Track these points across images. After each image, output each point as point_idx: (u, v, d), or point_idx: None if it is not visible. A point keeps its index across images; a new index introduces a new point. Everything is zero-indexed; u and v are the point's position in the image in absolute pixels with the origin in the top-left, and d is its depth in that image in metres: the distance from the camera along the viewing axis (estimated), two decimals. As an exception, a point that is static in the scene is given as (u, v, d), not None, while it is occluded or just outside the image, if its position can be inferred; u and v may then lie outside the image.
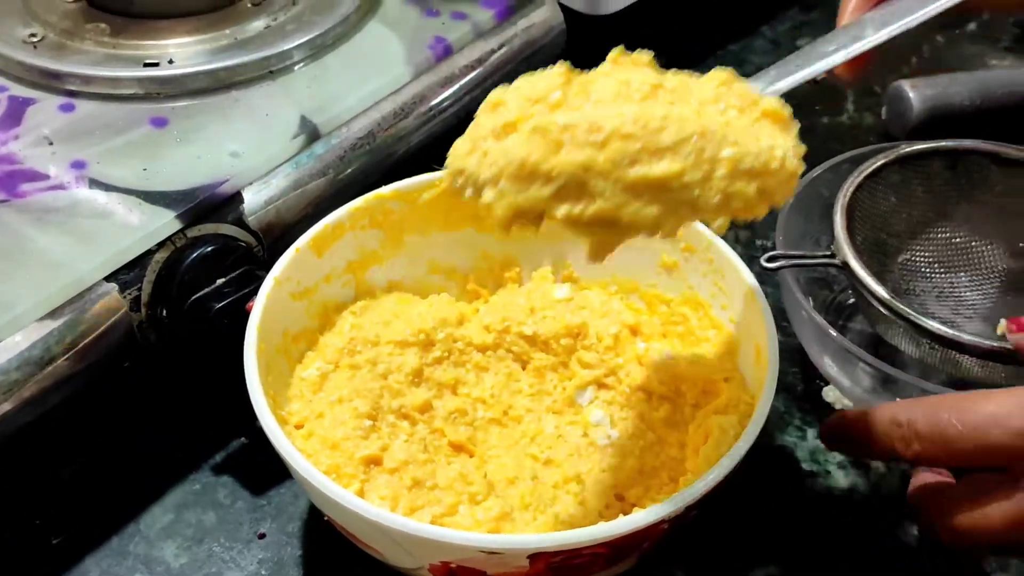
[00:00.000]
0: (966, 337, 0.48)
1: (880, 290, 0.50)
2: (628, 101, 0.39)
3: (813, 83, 0.74)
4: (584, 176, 0.38)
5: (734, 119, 0.40)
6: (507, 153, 0.38)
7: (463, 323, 0.54)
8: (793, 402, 0.57)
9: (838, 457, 0.55)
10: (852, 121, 0.74)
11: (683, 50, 0.79)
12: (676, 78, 0.41)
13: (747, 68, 0.78)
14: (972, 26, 0.82)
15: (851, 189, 0.55)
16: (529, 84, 0.40)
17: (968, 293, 0.59)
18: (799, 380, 0.58)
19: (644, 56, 0.42)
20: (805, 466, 0.54)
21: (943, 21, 0.82)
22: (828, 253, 0.53)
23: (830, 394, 0.57)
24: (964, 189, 0.58)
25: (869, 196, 0.57)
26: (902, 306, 0.50)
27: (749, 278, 0.50)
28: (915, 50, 0.80)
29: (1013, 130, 0.70)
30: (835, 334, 0.51)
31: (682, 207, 0.38)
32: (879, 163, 0.57)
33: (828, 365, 0.54)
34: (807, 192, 0.58)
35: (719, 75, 0.41)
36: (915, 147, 0.57)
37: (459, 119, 0.63)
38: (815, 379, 0.57)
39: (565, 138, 0.38)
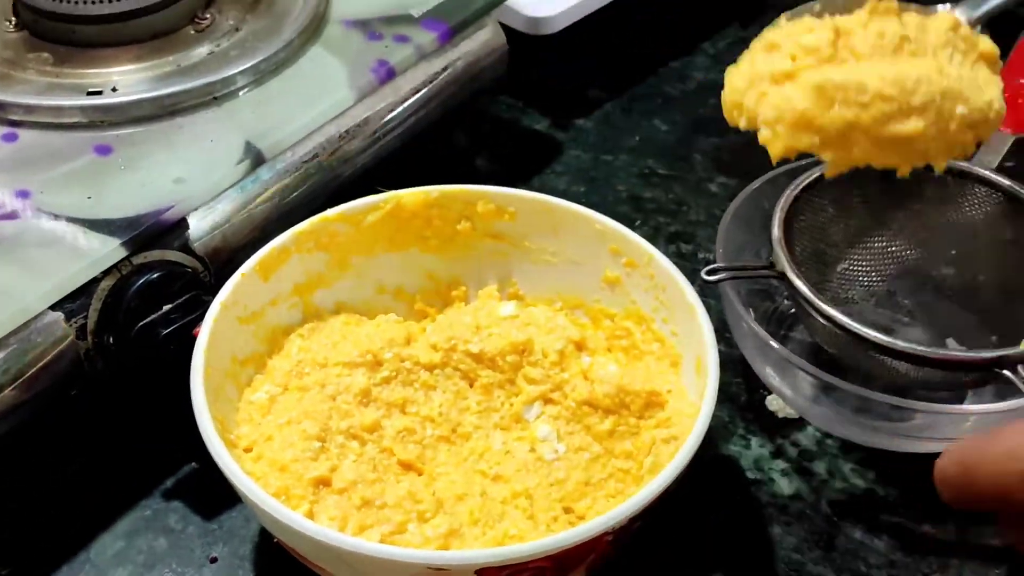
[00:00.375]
0: (901, 344, 0.50)
1: (817, 300, 0.52)
2: (884, 55, 0.46)
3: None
4: (848, 131, 0.46)
5: (965, 71, 0.48)
6: (788, 101, 0.47)
7: (411, 343, 0.54)
8: (737, 412, 0.58)
9: (781, 464, 0.56)
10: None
11: (625, 68, 0.81)
12: (915, 22, 0.48)
13: (690, 84, 0.80)
14: (906, 39, 0.84)
15: (788, 201, 0.56)
16: (801, 31, 0.48)
17: (906, 300, 0.61)
18: (743, 390, 0.59)
19: (893, 4, 0.48)
20: (750, 474, 0.55)
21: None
22: (767, 265, 0.54)
23: (773, 403, 0.58)
24: (900, 198, 0.59)
25: (807, 207, 0.58)
26: (839, 315, 0.51)
27: (689, 292, 0.51)
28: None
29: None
30: (776, 345, 0.52)
31: (916, 154, 0.48)
32: (816, 175, 0.58)
33: (770, 375, 0.55)
34: (748, 203, 0.60)
35: (948, 19, 0.48)
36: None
37: (404, 141, 0.64)
38: (759, 388, 0.59)
39: (838, 96, 0.46)
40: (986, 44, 0.49)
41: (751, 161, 0.72)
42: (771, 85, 0.48)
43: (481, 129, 0.76)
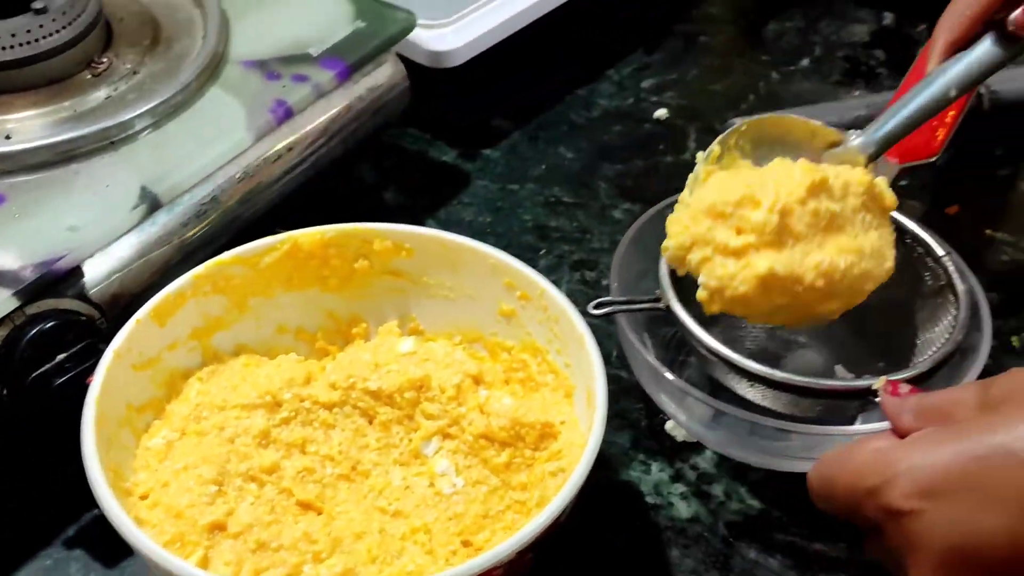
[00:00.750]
0: (779, 375, 0.51)
1: (700, 332, 0.53)
2: (817, 233, 0.52)
3: (659, 123, 0.79)
4: (777, 309, 0.52)
5: (874, 240, 0.53)
6: (732, 280, 0.51)
7: (310, 382, 0.55)
8: (638, 437, 0.59)
9: (680, 488, 0.57)
10: (695, 158, 0.77)
11: (531, 97, 0.82)
12: (840, 184, 0.53)
13: (595, 111, 0.81)
14: (805, 62, 0.86)
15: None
16: (747, 203, 0.52)
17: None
18: (643, 415, 0.60)
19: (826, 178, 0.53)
20: (649, 499, 0.57)
21: (778, 59, 0.86)
22: (654, 298, 0.55)
23: (672, 428, 0.59)
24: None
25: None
26: (720, 347, 0.52)
27: (579, 323, 0.52)
28: (752, 88, 0.83)
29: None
30: (668, 375, 0.53)
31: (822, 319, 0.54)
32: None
33: (665, 402, 0.56)
34: (647, 229, 0.61)
35: (864, 180, 0.53)
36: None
37: (306, 179, 0.65)
38: (659, 413, 0.60)
39: (776, 286, 0.51)
40: (889, 199, 0.54)
41: (653, 187, 0.74)
42: (716, 254, 0.52)
43: (389, 163, 0.77)
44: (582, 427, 0.51)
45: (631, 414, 0.60)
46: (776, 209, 0.51)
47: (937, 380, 0.53)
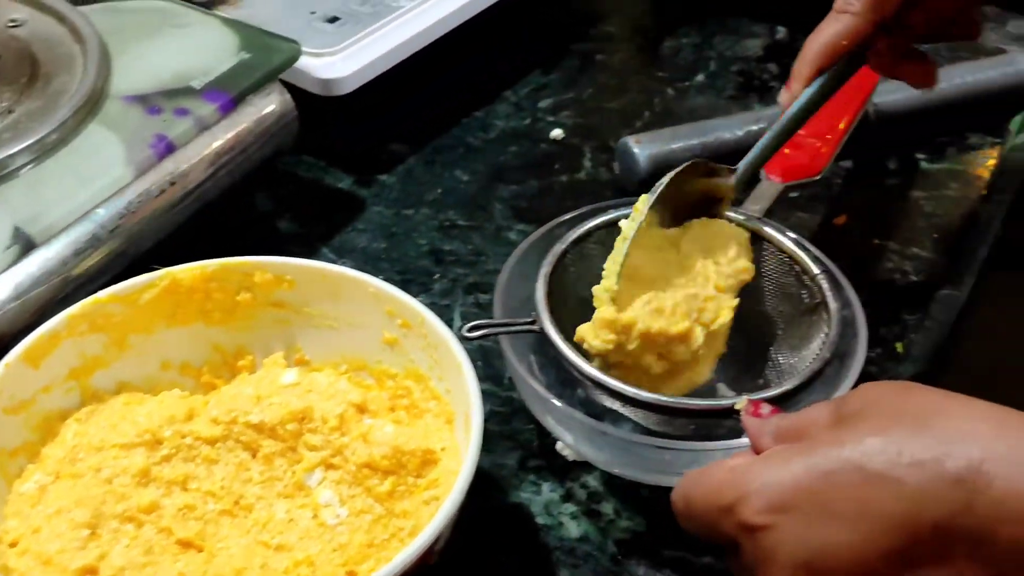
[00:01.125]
0: (644, 395, 0.52)
1: (572, 355, 0.53)
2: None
3: (555, 143, 0.79)
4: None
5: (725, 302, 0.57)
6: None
7: (192, 418, 0.54)
8: (528, 457, 0.60)
9: (570, 508, 0.57)
10: (589, 176, 0.78)
11: (428, 120, 0.82)
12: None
13: (492, 132, 0.82)
14: (700, 78, 0.87)
15: (555, 256, 0.58)
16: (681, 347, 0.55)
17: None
18: (534, 435, 0.61)
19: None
20: (540, 520, 0.57)
21: (673, 75, 0.87)
22: (530, 320, 0.55)
23: (562, 447, 0.60)
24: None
25: (579, 257, 0.60)
26: (590, 369, 0.53)
27: (457, 350, 0.52)
28: (647, 105, 0.84)
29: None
30: (549, 398, 0.53)
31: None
32: (587, 227, 0.60)
33: (551, 424, 0.57)
34: (533, 252, 0.61)
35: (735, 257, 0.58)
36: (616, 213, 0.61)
37: (193, 212, 0.64)
38: (549, 433, 0.60)
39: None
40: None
41: (548, 207, 0.74)
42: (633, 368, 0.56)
43: (283, 191, 0.76)
44: (462, 453, 0.52)
45: (522, 435, 0.61)
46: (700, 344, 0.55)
47: (813, 395, 0.53)
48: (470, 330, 0.54)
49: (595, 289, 0.54)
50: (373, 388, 0.57)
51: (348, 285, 0.57)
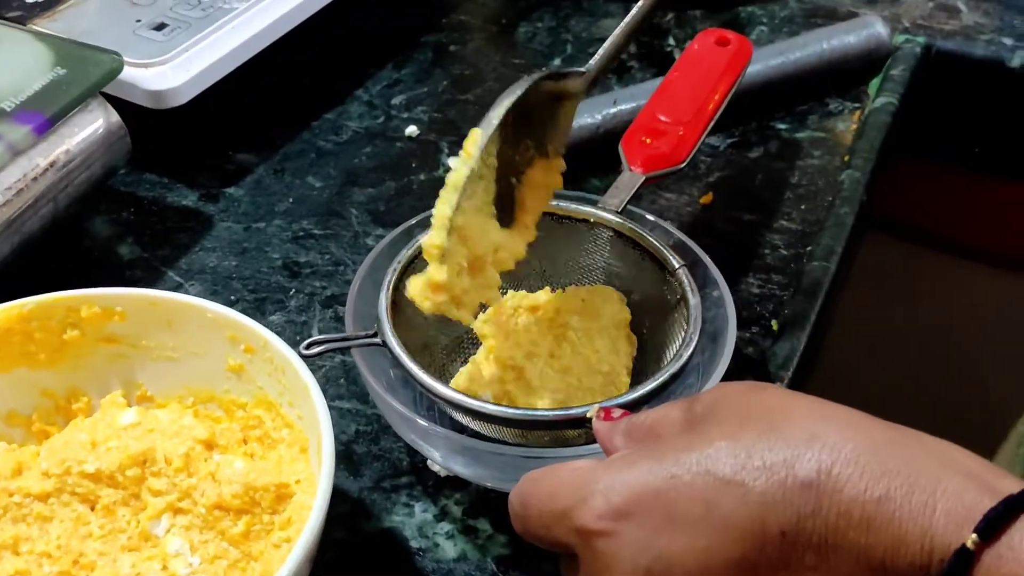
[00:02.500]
0: (490, 408, 0.49)
1: (413, 366, 0.50)
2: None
3: (410, 140, 0.75)
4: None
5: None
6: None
7: (21, 472, 0.50)
8: (399, 477, 0.56)
9: (446, 527, 0.54)
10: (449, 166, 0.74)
11: (275, 126, 0.78)
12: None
13: (344, 134, 0.77)
14: (557, 62, 0.84)
15: (401, 264, 0.54)
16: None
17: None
18: (404, 454, 0.57)
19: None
20: (414, 543, 0.53)
21: (530, 61, 0.84)
22: (371, 333, 0.52)
23: (433, 464, 0.56)
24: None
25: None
26: (433, 382, 0.50)
27: (304, 372, 0.48)
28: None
29: (591, 162, 0.73)
30: (407, 413, 0.50)
31: None
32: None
33: (415, 441, 0.53)
34: (389, 254, 0.57)
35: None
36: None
37: (15, 246, 0.59)
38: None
39: None
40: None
41: (406, 209, 0.71)
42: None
43: (123, 214, 0.71)
44: (318, 484, 0.48)
45: (391, 453, 0.57)
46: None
47: (684, 391, 0.51)
48: (307, 347, 0.50)
49: (423, 243, 0.49)
50: (223, 420, 0.53)
51: (184, 312, 0.52)
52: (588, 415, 0.45)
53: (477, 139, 0.49)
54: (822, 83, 0.79)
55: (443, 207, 0.48)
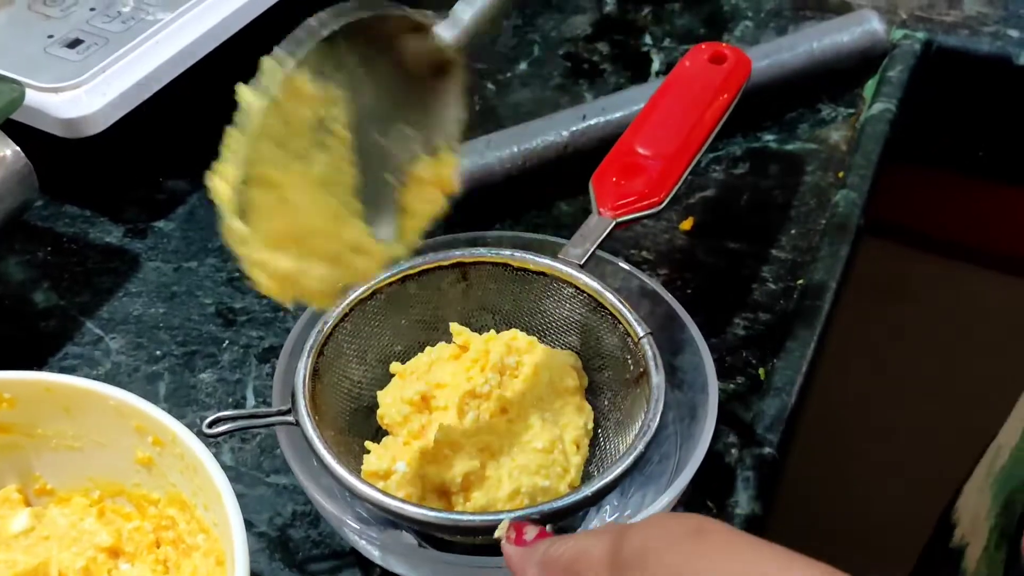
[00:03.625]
0: (409, 509, 0.43)
1: (327, 457, 0.44)
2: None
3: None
4: None
5: None
6: None
7: None
8: (342, 570, 0.50)
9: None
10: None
11: (212, 149, 0.70)
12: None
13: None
14: (523, 67, 0.77)
15: (331, 321, 0.48)
16: None
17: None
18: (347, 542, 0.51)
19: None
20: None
21: (493, 66, 0.77)
22: (284, 409, 0.45)
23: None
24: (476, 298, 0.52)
25: (366, 321, 0.50)
26: (345, 474, 0.44)
27: (217, 475, 0.42)
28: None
29: (558, 185, 0.66)
30: (330, 508, 0.44)
31: None
32: (376, 282, 0.50)
33: (347, 535, 0.47)
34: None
35: None
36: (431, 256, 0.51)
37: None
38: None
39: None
40: None
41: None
42: None
43: (38, 255, 0.64)
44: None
45: (333, 539, 0.51)
46: None
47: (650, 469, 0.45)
48: (209, 425, 0.44)
49: (214, 183, 0.40)
50: (133, 516, 0.47)
51: (82, 399, 0.46)
52: (496, 534, 0.38)
53: (268, 68, 0.39)
54: (813, 87, 0.72)
55: (237, 136, 0.40)
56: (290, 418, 0.45)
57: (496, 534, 0.38)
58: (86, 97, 0.62)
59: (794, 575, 0.30)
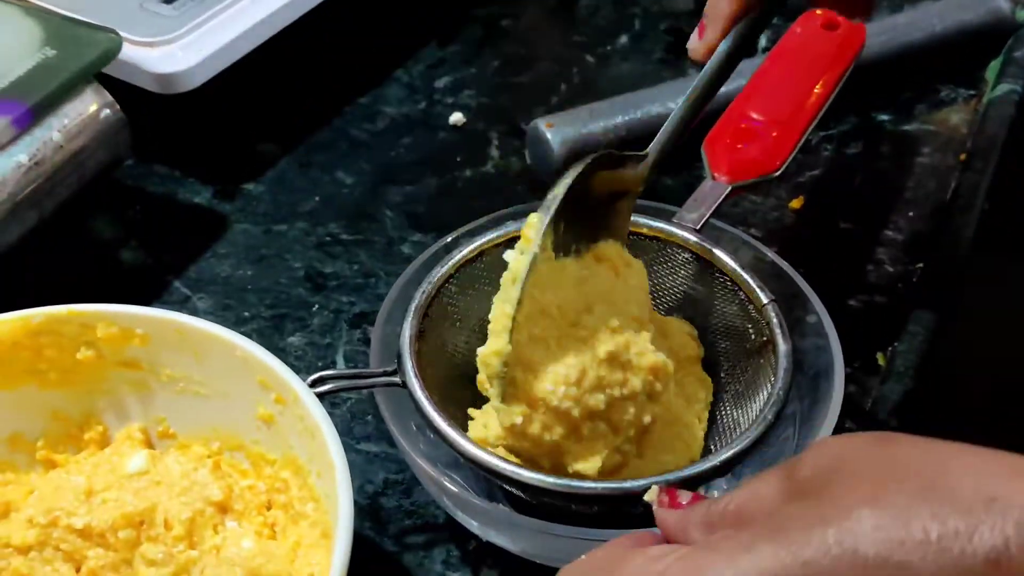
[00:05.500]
0: (525, 475, 0.42)
1: (440, 421, 0.43)
2: None
3: (455, 130, 0.67)
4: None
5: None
6: None
7: (8, 515, 0.44)
8: (435, 540, 0.49)
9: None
10: (498, 169, 0.67)
11: (303, 111, 0.70)
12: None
13: (380, 122, 0.70)
14: (624, 40, 0.76)
15: (435, 282, 0.47)
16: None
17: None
18: (441, 510, 0.50)
19: None
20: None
21: (593, 40, 0.76)
22: (389, 370, 0.44)
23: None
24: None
25: (469, 283, 0.49)
26: (461, 439, 0.43)
27: (332, 442, 0.41)
28: (564, 76, 0.73)
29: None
30: (432, 472, 0.43)
31: None
32: (480, 243, 0.49)
33: (448, 506, 0.46)
34: (427, 268, 0.50)
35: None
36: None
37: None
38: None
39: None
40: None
41: (449, 211, 0.63)
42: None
43: (128, 213, 0.64)
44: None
45: (427, 508, 0.50)
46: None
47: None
48: (312, 384, 0.43)
49: (481, 354, 0.43)
50: (249, 475, 0.47)
51: (212, 345, 0.46)
52: (646, 498, 0.36)
53: (536, 224, 0.42)
54: (932, 67, 0.70)
55: (503, 304, 0.42)
56: (396, 379, 0.44)
57: (647, 497, 0.37)
58: (181, 53, 0.62)
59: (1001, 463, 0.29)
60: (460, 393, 0.49)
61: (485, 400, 0.49)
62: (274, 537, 0.44)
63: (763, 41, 0.75)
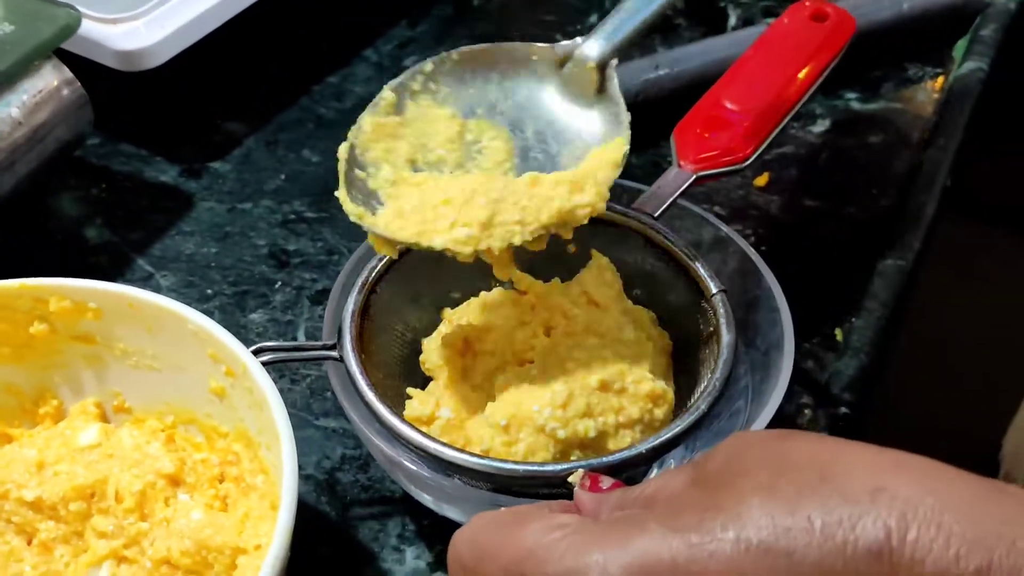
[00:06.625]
0: (464, 458, 0.42)
1: (373, 398, 0.43)
2: None
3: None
4: None
5: None
6: None
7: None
8: (391, 515, 0.49)
9: None
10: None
11: (270, 90, 0.71)
12: None
13: (348, 100, 0.70)
14: (593, 19, 0.76)
15: (381, 266, 0.48)
16: None
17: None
18: (398, 485, 0.50)
19: None
20: (406, 594, 0.47)
21: (564, 18, 0.76)
22: (328, 343, 0.45)
23: (431, 498, 0.49)
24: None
25: (420, 263, 0.49)
26: (390, 417, 0.43)
27: (279, 413, 0.41)
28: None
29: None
30: (385, 448, 0.43)
31: None
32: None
33: (400, 480, 0.46)
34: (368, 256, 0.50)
35: None
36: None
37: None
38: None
39: None
40: None
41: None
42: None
43: (92, 191, 0.64)
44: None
45: (383, 484, 0.51)
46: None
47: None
48: (254, 354, 0.44)
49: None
50: (203, 448, 0.47)
51: (165, 318, 0.46)
52: (570, 480, 0.37)
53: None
54: (899, 46, 0.71)
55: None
56: (334, 353, 0.44)
57: (571, 479, 0.38)
58: (144, 29, 0.62)
59: (912, 457, 0.29)
60: (415, 375, 0.49)
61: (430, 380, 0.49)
62: (225, 509, 0.45)
63: (732, 20, 0.75)
